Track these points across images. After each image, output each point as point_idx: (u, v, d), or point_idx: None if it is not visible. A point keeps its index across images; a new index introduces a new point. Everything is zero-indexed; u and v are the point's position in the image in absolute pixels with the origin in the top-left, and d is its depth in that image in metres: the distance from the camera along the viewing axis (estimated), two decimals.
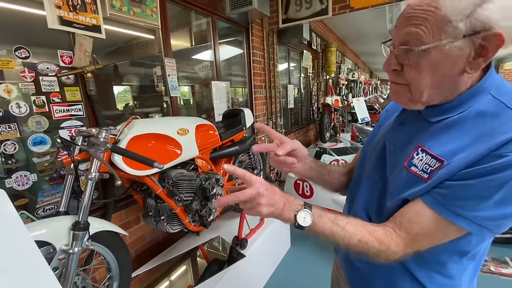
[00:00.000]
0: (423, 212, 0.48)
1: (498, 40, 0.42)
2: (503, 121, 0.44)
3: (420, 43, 0.45)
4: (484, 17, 0.41)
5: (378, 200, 0.59)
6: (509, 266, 1.93)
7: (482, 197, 0.43)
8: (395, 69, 0.51)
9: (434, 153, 0.49)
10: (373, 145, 0.67)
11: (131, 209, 1.69)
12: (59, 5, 1.27)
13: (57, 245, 0.95)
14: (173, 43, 2.07)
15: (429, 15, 0.43)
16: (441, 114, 0.51)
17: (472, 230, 0.46)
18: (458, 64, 0.45)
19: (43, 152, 1.30)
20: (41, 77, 1.26)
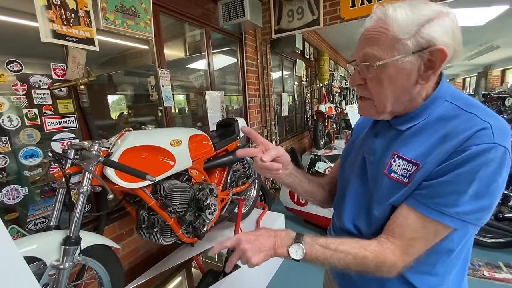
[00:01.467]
0: (410, 215, 0.52)
1: (442, 55, 0.48)
2: (461, 122, 0.50)
3: (377, 59, 0.52)
4: (427, 35, 0.48)
5: (366, 211, 0.61)
6: (502, 270, 1.94)
7: (458, 192, 0.47)
8: (359, 83, 0.58)
9: (409, 158, 0.54)
10: (351, 160, 0.71)
11: (124, 221, 1.68)
12: (52, 18, 1.29)
13: (48, 261, 0.94)
14: (167, 53, 2.09)
15: (381, 36, 0.51)
16: (408, 122, 0.57)
17: (457, 226, 0.49)
18: (411, 76, 0.52)
19: (35, 165, 1.29)
20: (34, 90, 1.26)
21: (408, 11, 0.49)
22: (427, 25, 0.48)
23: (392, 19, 0.50)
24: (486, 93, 8.96)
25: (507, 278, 1.86)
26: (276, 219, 2.22)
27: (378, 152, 0.60)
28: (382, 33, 0.51)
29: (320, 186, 0.81)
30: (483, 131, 0.47)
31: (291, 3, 2.78)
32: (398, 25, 0.49)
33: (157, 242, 1.33)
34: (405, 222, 0.52)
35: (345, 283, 0.72)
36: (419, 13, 0.49)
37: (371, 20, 0.54)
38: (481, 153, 0.46)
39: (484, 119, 0.48)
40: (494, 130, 0.47)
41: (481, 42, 6.98)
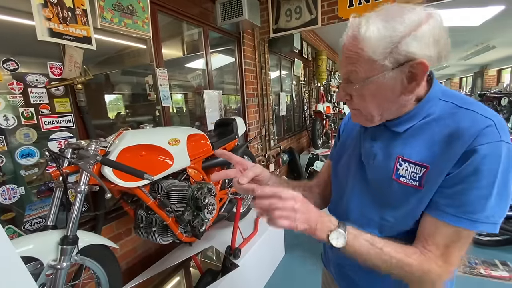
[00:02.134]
0: (441, 226, 0.50)
1: (423, 67, 0.48)
2: (462, 119, 0.50)
3: (359, 78, 0.52)
4: (404, 51, 0.47)
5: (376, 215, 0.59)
6: (499, 268, 1.96)
7: (484, 196, 0.47)
8: (346, 99, 0.58)
9: (415, 161, 0.52)
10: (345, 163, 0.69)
11: (122, 220, 1.67)
12: (49, 17, 1.28)
13: (45, 261, 0.93)
14: (165, 52, 2.08)
15: (359, 55, 0.50)
16: (405, 124, 0.56)
17: (488, 229, 0.48)
18: (395, 90, 0.51)
19: (31, 165, 1.28)
20: (30, 89, 1.25)
21: (381, 27, 0.47)
22: (403, 41, 0.47)
23: (365, 40, 0.48)
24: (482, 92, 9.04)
25: (503, 276, 1.88)
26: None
27: (379, 156, 0.59)
28: (358, 53, 0.50)
29: (307, 190, 0.78)
30: (489, 129, 0.46)
31: (289, 2, 2.78)
32: (371, 46, 0.48)
33: (155, 241, 1.33)
34: (436, 232, 0.51)
35: (346, 284, 0.71)
36: (393, 30, 0.47)
37: (347, 36, 0.53)
38: (493, 153, 0.46)
39: (486, 116, 0.48)
40: (498, 127, 0.47)
41: (477, 42, 7.03)
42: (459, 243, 0.50)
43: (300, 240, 2.54)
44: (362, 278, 0.65)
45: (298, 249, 2.38)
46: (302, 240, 2.53)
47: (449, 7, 3.88)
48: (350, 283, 0.68)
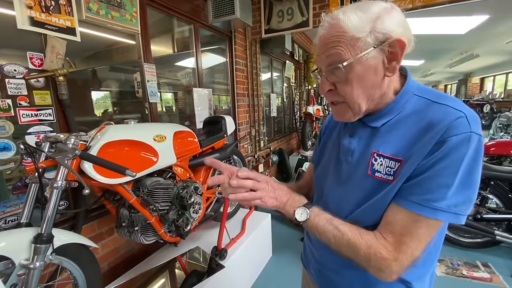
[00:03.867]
0: (401, 213, 0.51)
1: (401, 44, 0.50)
2: (435, 113, 0.51)
3: (343, 60, 0.51)
4: (383, 29, 0.50)
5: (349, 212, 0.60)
6: (480, 270, 2.01)
7: (446, 185, 0.47)
8: (330, 89, 0.57)
9: (389, 155, 0.54)
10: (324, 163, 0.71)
11: (104, 219, 1.61)
12: (30, 5, 1.22)
13: (17, 260, 0.88)
14: (155, 49, 2.04)
15: (340, 38, 0.51)
16: (382, 118, 0.57)
17: (450, 219, 0.48)
18: (378, 71, 0.53)
19: (7, 159, 1.22)
20: (7, 80, 1.19)
21: (358, 11, 0.51)
22: (379, 20, 0.50)
23: (345, 22, 0.50)
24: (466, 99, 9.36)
25: (484, 277, 1.92)
26: (262, 219, 2.20)
27: (356, 152, 0.60)
28: (339, 35, 0.51)
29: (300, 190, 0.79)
30: (459, 120, 0.47)
31: (281, 3, 2.79)
32: (353, 26, 0.50)
33: (137, 241, 1.28)
34: (395, 219, 0.51)
35: (326, 285, 0.71)
36: (368, 11, 0.51)
37: (324, 27, 0.54)
38: (461, 143, 0.46)
39: (457, 109, 0.49)
40: (469, 119, 0.48)
41: (462, 50, 7.28)
42: (417, 232, 0.50)
43: (287, 241, 2.53)
44: (342, 279, 0.65)
45: (286, 250, 2.37)
46: (290, 242, 2.52)
47: (435, 15, 3.99)
48: (330, 283, 0.69)
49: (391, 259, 0.50)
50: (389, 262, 0.50)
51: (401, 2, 2.27)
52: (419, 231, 0.50)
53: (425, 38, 5.45)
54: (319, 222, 0.57)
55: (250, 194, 0.56)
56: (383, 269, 0.51)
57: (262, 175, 0.59)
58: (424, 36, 5.26)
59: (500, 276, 1.93)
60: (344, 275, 0.64)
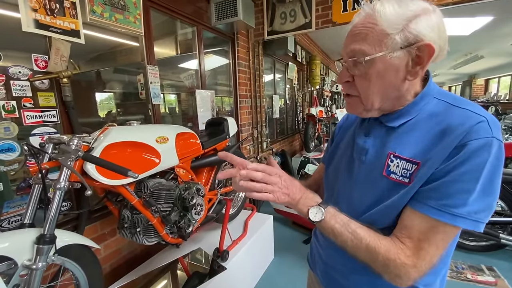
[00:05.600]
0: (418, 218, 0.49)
1: (430, 50, 0.48)
2: (456, 116, 0.49)
3: (366, 54, 0.50)
4: (415, 30, 0.48)
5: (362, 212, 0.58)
6: (485, 273, 1.98)
7: (467, 191, 0.45)
8: (347, 80, 0.56)
9: (407, 157, 0.52)
10: (336, 163, 0.70)
11: (107, 220, 1.62)
12: (35, 8, 1.24)
13: (19, 260, 0.89)
14: (158, 51, 2.05)
15: (369, 31, 0.50)
16: (400, 119, 0.55)
17: (469, 226, 0.46)
18: (400, 72, 0.51)
19: (12, 160, 1.23)
20: (12, 81, 1.20)
21: (396, 5, 0.49)
22: (414, 20, 0.48)
23: (380, 14, 0.49)
24: None
25: (489, 281, 1.90)
26: (264, 220, 2.20)
27: (371, 152, 0.58)
28: (370, 28, 0.50)
29: None
30: (481, 124, 0.46)
31: (284, 5, 2.80)
32: (386, 20, 0.48)
33: (139, 242, 1.28)
34: (412, 223, 0.50)
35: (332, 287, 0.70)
36: (407, 8, 0.48)
37: (359, 16, 0.53)
38: (482, 148, 0.44)
39: (478, 113, 0.48)
40: (491, 124, 0.46)
41: (466, 51, 7.22)
42: (435, 238, 0.48)
43: (290, 243, 2.52)
44: (349, 282, 0.64)
45: (288, 252, 2.36)
46: (292, 244, 2.51)
47: None
48: (336, 286, 0.67)
49: (410, 265, 0.48)
50: (408, 268, 0.48)
51: None
52: (437, 237, 0.48)
53: None
54: (336, 224, 0.54)
55: (261, 185, 0.53)
56: (401, 275, 0.49)
57: (275, 169, 0.55)
58: None
59: (505, 280, 1.90)
60: (351, 279, 0.63)
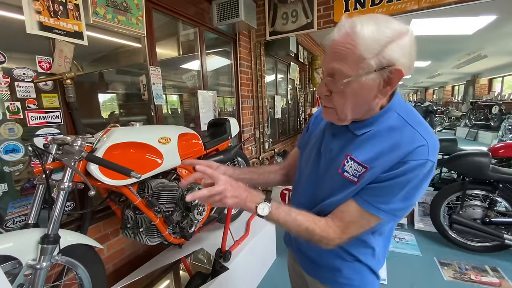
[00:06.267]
0: (353, 207, 0.63)
1: (400, 74, 0.55)
2: (405, 136, 0.59)
3: (344, 76, 0.56)
4: (388, 56, 0.53)
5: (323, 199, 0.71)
6: (489, 274, 1.97)
7: (393, 194, 0.59)
8: (326, 94, 0.63)
9: (359, 161, 0.62)
10: (308, 151, 0.80)
11: (110, 221, 1.63)
12: (39, 10, 1.25)
13: (24, 260, 0.90)
14: (160, 52, 2.07)
15: (349, 53, 0.55)
16: (364, 128, 0.65)
17: (387, 218, 0.62)
18: (372, 92, 0.58)
19: (16, 161, 1.24)
20: (17, 83, 1.22)
21: (374, 29, 0.53)
22: (389, 45, 0.53)
23: (359, 37, 0.53)
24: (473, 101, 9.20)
25: (493, 282, 1.88)
26: (266, 221, 2.19)
27: (334, 151, 0.69)
28: (349, 50, 0.55)
29: (272, 173, 0.93)
30: (421, 148, 0.56)
31: (285, 5, 2.80)
32: (364, 44, 0.53)
33: (142, 242, 1.29)
34: (346, 210, 0.64)
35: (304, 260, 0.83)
36: (383, 33, 0.53)
37: (340, 33, 0.57)
38: (416, 168, 0.56)
39: (423, 137, 0.58)
40: (430, 148, 0.57)
41: (469, 51, 7.16)
42: (359, 222, 0.64)
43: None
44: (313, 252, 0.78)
45: None
46: None
47: (442, 16, 3.95)
48: (305, 258, 0.82)
49: (337, 238, 0.65)
50: (336, 240, 0.65)
51: (407, 3, 2.26)
52: (362, 222, 0.64)
53: (431, 39, 5.39)
54: (280, 215, 0.65)
55: (209, 192, 0.60)
56: (329, 244, 0.66)
57: (221, 177, 0.63)
58: (431, 37, 5.21)
59: (510, 281, 1.89)
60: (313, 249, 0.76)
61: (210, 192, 0.60)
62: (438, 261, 2.15)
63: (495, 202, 2.18)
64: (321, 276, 0.79)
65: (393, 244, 2.43)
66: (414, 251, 2.31)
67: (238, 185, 0.65)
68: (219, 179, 0.62)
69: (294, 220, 0.65)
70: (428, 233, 2.59)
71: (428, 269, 2.08)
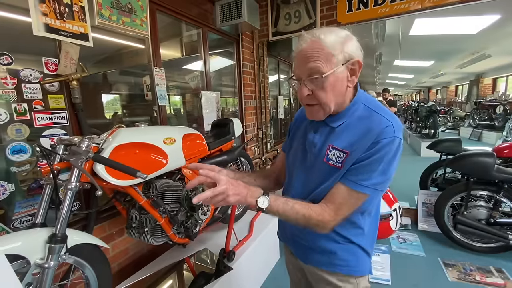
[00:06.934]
0: (341, 188, 0.72)
1: (359, 64, 0.70)
2: (373, 120, 0.71)
3: (321, 72, 0.68)
4: (349, 50, 0.69)
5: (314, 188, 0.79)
6: (494, 275, 1.95)
7: (372, 170, 0.69)
8: (308, 94, 0.72)
9: (340, 148, 0.73)
10: (293, 152, 0.89)
11: (115, 221, 1.64)
12: (45, 12, 1.26)
13: (32, 259, 0.91)
14: (164, 53, 2.08)
15: (319, 53, 0.67)
16: (339, 121, 0.76)
17: (371, 193, 0.71)
18: (344, 82, 0.71)
19: (23, 161, 1.26)
20: (24, 84, 1.24)
21: (332, 34, 0.68)
22: (346, 43, 0.68)
23: (325, 41, 0.67)
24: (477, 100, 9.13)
25: (498, 283, 1.87)
26: (270, 221, 2.20)
27: (318, 145, 0.78)
28: (319, 51, 0.67)
29: (266, 178, 1.00)
30: (388, 128, 0.68)
31: (288, 6, 2.80)
32: (330, 45, 0.67)
33: (147, 242, 1.30)
34: (336, 192, 0.72)
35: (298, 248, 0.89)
36: (339, 35, 0.69)
37: (306, 43, 0.69)
38: (387, 144, 0.67)
39: (388, 119, 0.69)
40: (395, 127, 0.68)
41: (473, 50, 7.11)
42: (349, 202, 0.72)
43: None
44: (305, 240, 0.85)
45: None
46: None
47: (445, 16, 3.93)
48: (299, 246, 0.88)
49: (331, 220, 0.72)
50: (330, 222, 0.72)
51: (410, 3, 2.25)
52: (351, 201, 0.72)
53: (435, 39, 5.36)
54: (279, 206, 0.71)
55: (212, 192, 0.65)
56: (325, 227, 0.73)
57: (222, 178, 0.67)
58: (434, 36, 5.17)
59: None
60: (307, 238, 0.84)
61: (214, 192, 0.65)
62: (443, 262, 2.14)
63: (500, 203, 2.16)
64: (318, 261, 0.85)
65: (397, 244, 2.42)
66: (418, 251, 2.30)
67: (238, 183, 0.70)
68: (220, 179, 0.67)
69: (291, 208, 0.72)
70: (432, 234, 2.57)
71: (432, 269, 2.07)
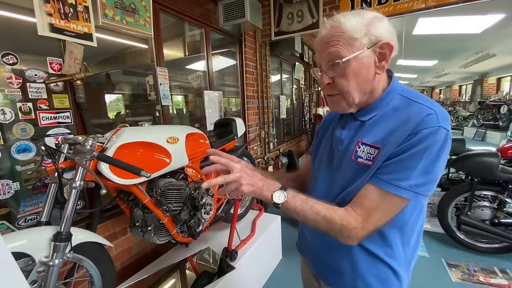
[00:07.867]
0: (371, 189, 0.60)
1: (390, 47, 0.60)
2: (412, 110, 0.60)
3: (342, 56, 0.60)
4: (375, 33, 0.60)
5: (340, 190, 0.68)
6: (498, 276, 1.94)
7: (410, 168, 0.56)
8: (328, 82, 0.65)
9: (370, 143, 0.62)
10: (320, 154, 0.81)
11: (118, 219, 1.65)
12: (50, 12, 1.27)
13: (37, 257, 0.91)
14: (166, 52, 2.08)
15: (340, 37, 0.60)
16: (369, 113, 0.66)
17: (410, 197, 0.57)
18: (371, 68, 0.62)
19: (28, 160, 1.27)
20: (29, 84, 1.25)
21: (356, 16, 0.61)
22: (372, 25, 0.60)
23: (345, 24, 0.60)
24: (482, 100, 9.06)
25: (502, 284, 1.86)
26: (272, 221, 2.20)
27: (345, 141, 0.69)
28: (340, 35, 0.60)
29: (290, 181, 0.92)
30: (430, 116, 0.56)
31: (291, 6, 2.80)
32: (351, 28, 0.59)
33: (150, 241, 1.31)
34: (366, 194, 0.60)
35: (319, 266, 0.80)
36: (364, 17, 0.61)
37: (325, 28, 0.63)
38: (429, 136, 0.55)
39: (430, 107, 0.58)
40: (439, 116, 0.56)
41: (477, 50, 7.06)
42: (382, 207, 0.59)
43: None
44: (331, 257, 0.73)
45: (296, 252, 2.34)
46: None
47: (449, 15, 3.91)
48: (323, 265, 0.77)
49: (359, 228, 0.59)
50: (358, 230, 0.60)
51: (414, 2, 2.24)
52: (384, 206, 0.59)
53: (438, 38, 5.33)
54: (297, 203, 0.62)
55: (224, 179, 0.59)
56: (351, 236, 0.60)
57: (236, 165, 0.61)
58: (438, 36, 5.14)
59: None
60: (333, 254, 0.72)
61: (226, 179, 0.59)
62: (446, 263, 2.12)
63: (504, 203, 2.15)
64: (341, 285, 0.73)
65: None
66: (422, 252, 2.29)
67: (253, 173, 0.63)
68: (234, 167, 0.61)
69: (311, 208, 0.62)
70: (436, 234, 2.56)
71: (436, 270, 2.06)
